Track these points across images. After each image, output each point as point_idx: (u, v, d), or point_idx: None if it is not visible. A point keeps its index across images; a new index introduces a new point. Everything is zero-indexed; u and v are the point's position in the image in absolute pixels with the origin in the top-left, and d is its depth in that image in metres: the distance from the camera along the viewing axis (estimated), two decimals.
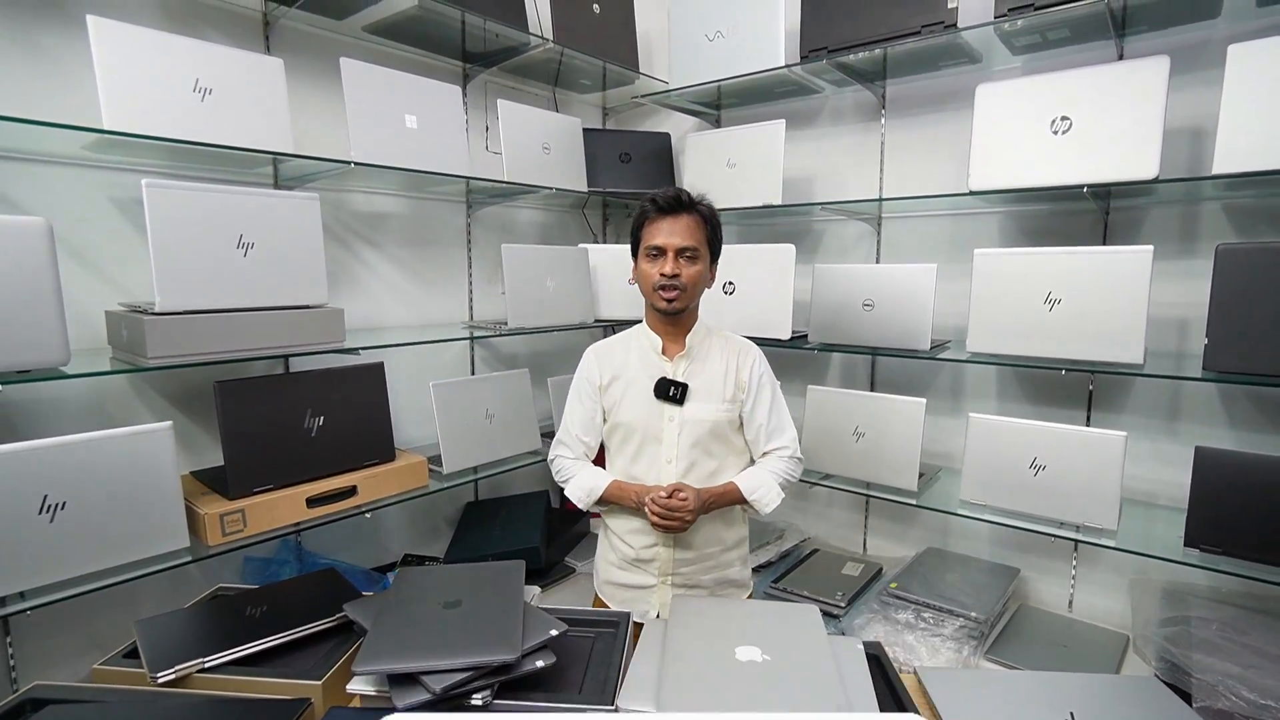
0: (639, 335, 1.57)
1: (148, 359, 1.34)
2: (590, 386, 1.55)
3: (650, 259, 1.45)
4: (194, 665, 1.10)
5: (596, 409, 1.55)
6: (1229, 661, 1.46)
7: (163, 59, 1.39)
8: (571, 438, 1.58)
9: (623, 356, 1.55)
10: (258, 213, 1.49)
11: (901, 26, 1.82)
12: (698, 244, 1.44)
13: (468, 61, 2.25)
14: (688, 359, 1.51)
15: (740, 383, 1.52)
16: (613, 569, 1.57)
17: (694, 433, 1.47)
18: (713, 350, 1.53)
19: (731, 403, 1.50)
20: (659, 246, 1.43)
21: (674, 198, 1.43)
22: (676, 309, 1.46)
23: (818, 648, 1.07)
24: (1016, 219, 2.01)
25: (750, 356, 1.54)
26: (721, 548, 1.53)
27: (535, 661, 1.06)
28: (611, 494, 1.51)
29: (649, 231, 1.45)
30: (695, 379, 1.49)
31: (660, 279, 1.43)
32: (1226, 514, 1.48)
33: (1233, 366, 1.46)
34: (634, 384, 1.51)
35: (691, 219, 1.44)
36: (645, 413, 1.49)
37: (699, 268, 1.46)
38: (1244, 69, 1.40)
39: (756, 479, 1.50)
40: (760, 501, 1.48)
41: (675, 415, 1.48)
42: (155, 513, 1.35)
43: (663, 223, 1.43)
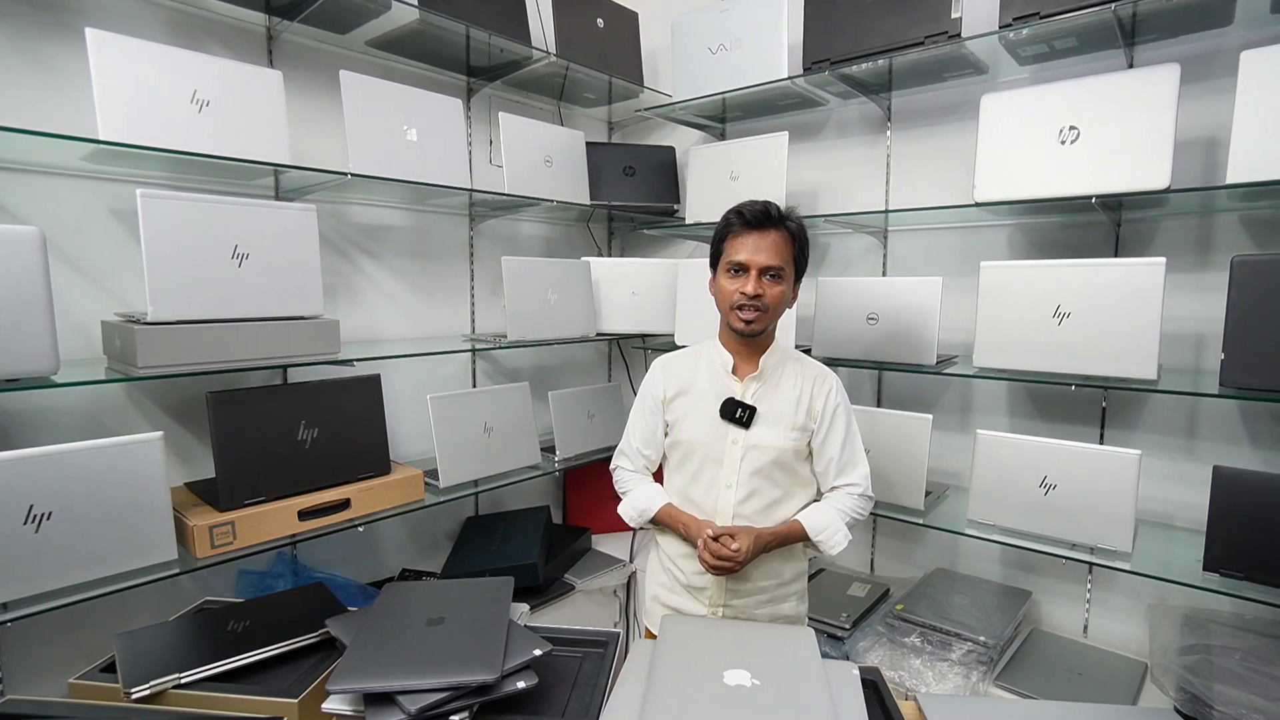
0: (710, 351, 1.49)
1: (138, 368, 1.34)
2: (654, 400, 1.49)
3: (731, 275, 1.37)
4: (170, 681, 1.08)
5: (659, 422, 1.49)
6: (1253, 694, 1.39)
7: (160, 71, 1.40)
8: (632, 450, 1.54)
9: (691, 371, 1.48)
10: (253, 223, 1.49)
11: (904, 37, 1.80)
12: (783, 263, 1.35)
13: (471, 75, 2.26)
14: (759, 381, 1.43)
15: (813, 411, 1.43)
16: (662, 590, 1.51)
17: (757, 459, 1.39)
18: (786, 374, 1.45)
19: (801, 431, 1.41)
20: (742, 263, 1.35)
21: (762, 211, 1.35)
22: (755, 331, 1.37)
23: (810, 673, 1.03)
24: (1026, 231, 1.96)
25: (827, 385, 1.45)
26: (778, 582, 1.44)
27: (516, 682, 1.03)
28: (663, 517, 1.45)
29: (732, 245, 1.37)
30: (764, 402, 1.41)
31: (740, 298, 1.35)
32: (1248, 537, 1.42)
33: (1251, 383, 1.40)
34: (700, 401, 1.43)
35: (779, 235, 1.36)
36: (708, 433, 1.41)
37: (783, 288, 1.37)
38: (1257, 76, 1.36)
39: (824, 518, 1.40)
40: (826, 543, 1.39)
41: (740, 438, 1.39)
42: (143, 524, 1.34)
43: (748, 238, 1.35)
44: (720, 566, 1.31)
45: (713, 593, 1.41)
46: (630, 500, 1.50)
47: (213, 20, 1.72)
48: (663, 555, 1.52)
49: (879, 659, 1.78)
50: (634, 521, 1.49)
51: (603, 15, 2.33)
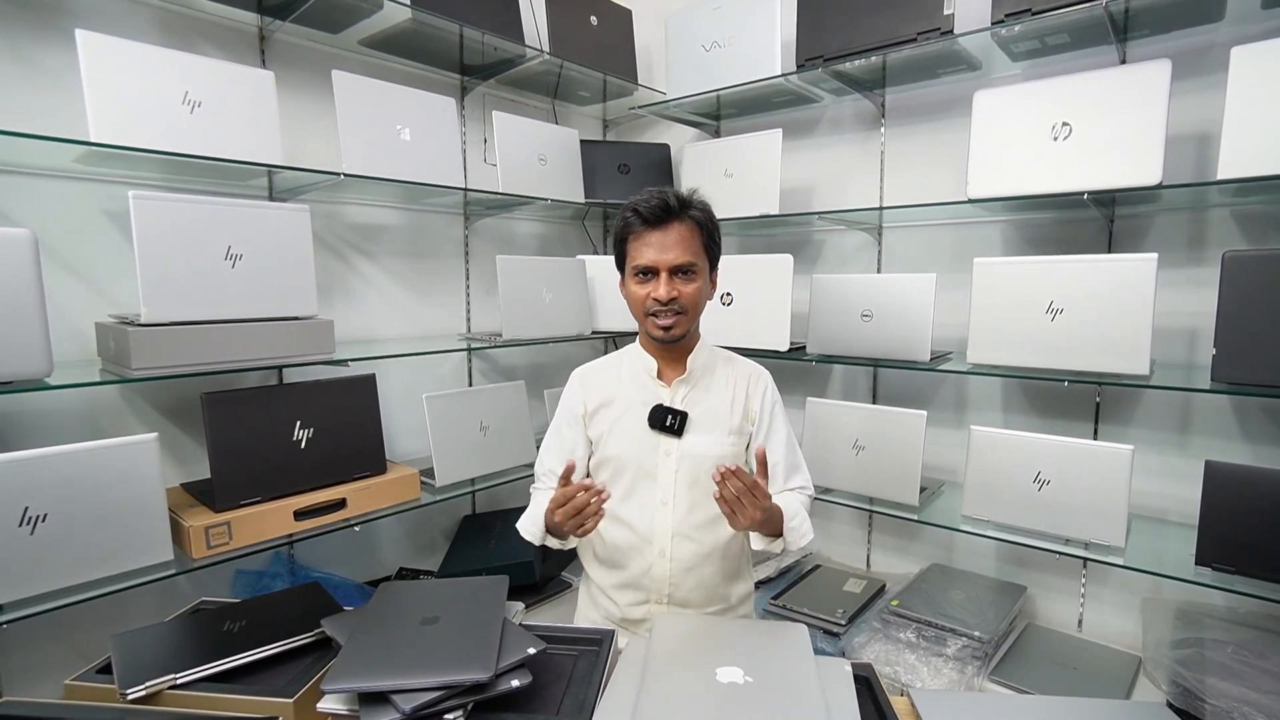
0: (631, 356, 1.37)
1: (132, 370, 1.34)
2: (573, 416, 1.36)
3: (640, 280, 1.25)
4: (165, 681, 1.08)
5: (579, 441, 1.35)
6: (1245, 686, 1.40)
7: (152, 72, 1.40)
8: (546, 471, 1.40)
9: (613, 380, 1.36)
10: (247, 224, 1.49)
11: (897, 34, 1.80)
12: (694, 257, 1.23)
13: (465, 74, 2.26)
14: (688, 384, 1.32)
15: (749, 412, 1.33)
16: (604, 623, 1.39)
17: (694, 469, 1.28)
18: (717, 374, 1.34)
19: (738, 435, 1.32)
20: (649, 266, 1.23)
21: (660, 205, 1.22)
22: (676, 337, 1.26)
23: (803, 670, 1.03)
24: (1019, 227, 1.97)
25: (761, 383, 1.36)
26: (724, 606, 1.35)
27: (510, 681, 1.03)
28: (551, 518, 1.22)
29: (635, 248, 1.25)
30: (696, 407, 1.30)
31: (654, 304, 1.23)
32: (1239, 531, 1.43)
33: (1242, 378, 1.40)
34: (626, 412, 1.32)
35: (684, 228, 1.23)
36: (637, 445, 1.29)
37: (697, 284, 1.25)
38: (1248, 72, 1.36)
39: (793, 506, 1.27)
40: (795, 531, 1.26)
41: (673, 449, 1.28)
42: (139, 525, 1.35)
43: (650, 236, 1.23)
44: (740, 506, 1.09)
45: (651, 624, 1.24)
46: (526, 514, 1.35)
47: (204, 20, 1.72)
48: (593, 588, 1.39)
49: (874, 654, 1.79)
50: (535, 538, 1.31)
51: (596, 12, 2.32)
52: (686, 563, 1.30)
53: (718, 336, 2.12)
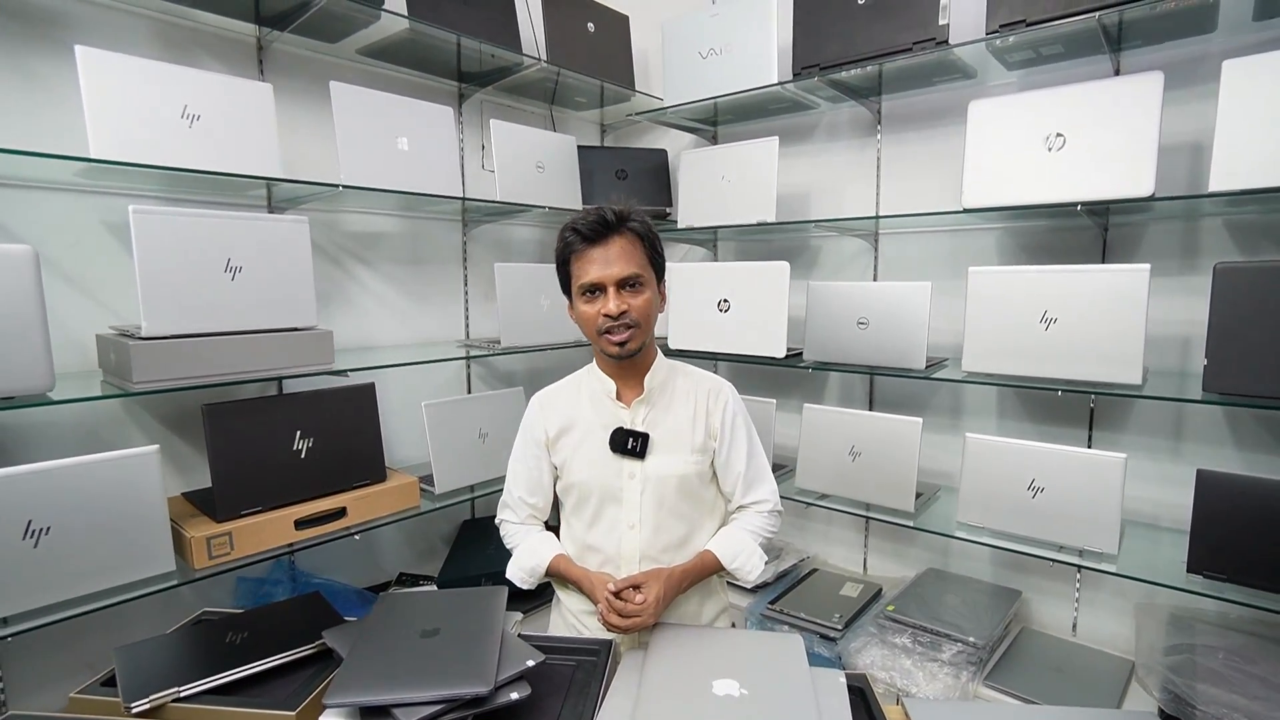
0: (589, 378, 1.36)
1: (133, 384, 1.35)
2: (535, 442, 1.35)
3: (588, 298, 1.24)
4: (169, 694, 1.10)
5: (543, 467, 1.35)
6: (1235, 693, 1.42)
7: (150, 87, 1.41)
8: (515, 500, 1.39)
9: (572, 404, 1.34)
10: (246, 236, 1.50)
11: (893, 43, 1.81)
12: (639, 269, 1.22)
13: (463, 81, 2.27)
14: (647, 404, 1.30)
15: (711, 429, 1.32)
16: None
17: (659, 491, 1.27)
18: (677, 391, 1.33)
19: (702, 453, 1.30)
20: (595, 283, 1.22)
21: (598, 221, 1.21)
22: (631, 351, 1.25)
23: (798, 681, 1.05)
24: (1015, 235, 1.98)
25: (721, 397, 1.34)
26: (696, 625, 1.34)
27: (510, 694, 1.05)
28: (555, 572, 1.32)
29: (579, 268, 1.24)
30: (658, 427, 1.29)
31: (605, 320, 1.22)
32: (1230, 539, 1.44)
33: (1233, 388, 1.42)
34: (587, 436, 1.30)
35: (624, 240, 1.22)
36: (601, 470, 1.28)
37: (646, 295, 1.24)
38: (1239, 85, 1.37)
39: (735, 544, 1.30)
40: (742, 570, 1.29)
41: (636, 471, 1.26)
42: (141, 537, 1.36)
43: (593, 253, 1.21)
44: (630, 625, 1.17)
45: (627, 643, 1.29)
46: (517, 559, 1.35)
47: (203, 32, 1.73)
48: (565, 612, 1.38)
49: (871, 659, 1.81)
50: (525, 584, 1.33)
51: (593, 19, 2.33)
52: None
53: (715, 343, 2.15)
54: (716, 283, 2.14)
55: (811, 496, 2.05)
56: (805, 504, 2.06)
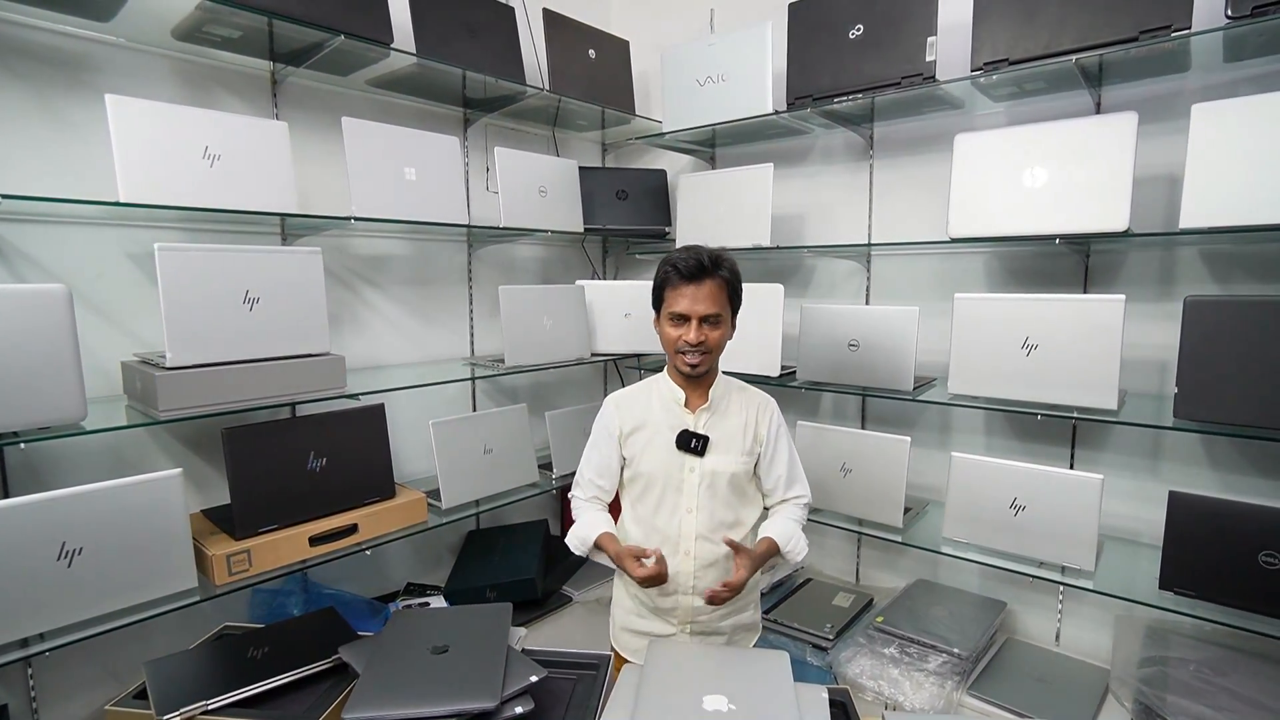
0: (660, 385, 1.58)
1: (160, 412, 1.43)
2: (609, 435, 1.57)
3: (674, 324, 1.47)
4: (198, 707, 1.18)
5: (614, 455, 1.57)
6: (1204, 705, 1.49)
7: (175, 130, 1.49)
8: (585, 480, 1.62)
9: (644, 407, 1.56)
10: (263, 269, 1.58)
11: (882, 77, 1.88)
12: (720, 309, 1.46)
13: (468, 108, 2.34)
14: (710, 412, 1.53)
15: (759, 436, 1.55)
16: (631, 616, 1.58)
17: (713, 483, 1.50)
18: (733, 403, 1.56)
19: (749, 455, 1.53)
20: (683, 314, 1.44)
21: (696, 264, 1.42)
22: (700, 373, 1.48)
23: (782, 697, 1.12)
24: (1002, 259, 2.05)
25: (769, 411, 1.58)
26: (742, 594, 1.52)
27: (515, 708, 1.13)
28: (599, 544, 1.52)
29: (672, 297, 1.46)
30: (715, 431, 1.51)
31: (685, 345, 1.45)
32: (1201, 558, 1.51)
33: (1202, 415, 1.49)
34: (657, 434, 1.52)
35: (715, 284, 1.44)
36: (667, 463, 1.50)
37: (721, 330, 1.48)
38: (1207, 128, 1.44)
39: (787, 530, 1.54)
40: (793, 552, 1.53)
41: (696, 466, 1.50)
42: (165, 555, 1.44)
43: (686, 289, 1.43)
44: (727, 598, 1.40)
45: (681, 612, 1.51)
46: (575, 529, 1.58)
47: (221, 69, 1.81)
48: (628, 583, 1.57)
49: (860, 669, 1.88)
50: (578, 549, 1.55)
51: (594, 46, 2.40)
52: (707, 560, 1.50)
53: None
54: None
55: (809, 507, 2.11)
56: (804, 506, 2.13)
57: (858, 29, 1.91)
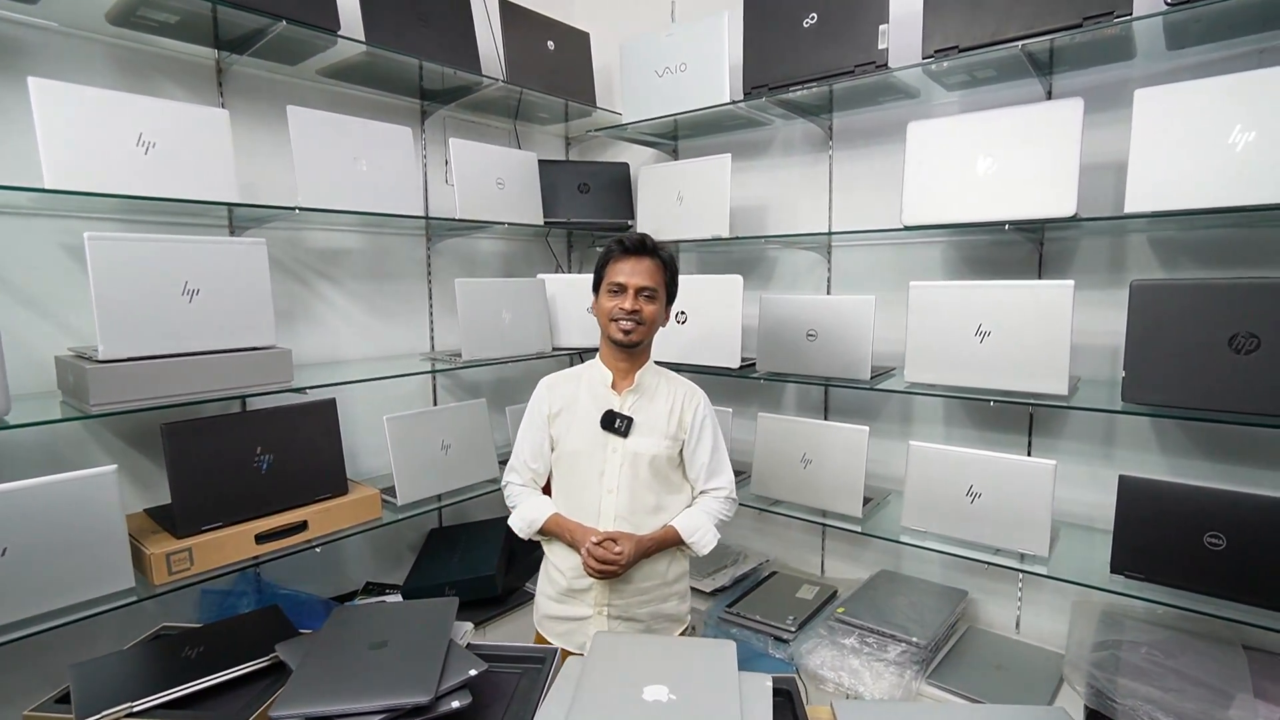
0: (591, 368, 1.64)
1: (91, 406, 1.38)
2: (540, 417, 1.61)
3: (611, 295, 1.54)
4: (122, 710, 1.13)
5: (545, 437, 1.61)
6: (1152, 686, 1.50)
7: (104, 116, 1.44)
8: (521, 464, 1.65)
9: (574, 388, 1.61)
10: (203, 259, 1.54)
11: (836, 66, 1.87)
12: (657, 285, 1.54)
13: (425, 99, 2.31)
14: (636, 394, 1.58)
15: (683, 422, 1.58)
16: (549, 602, 1.61)
17: (635, 465, 1.53)
18: (660, 389, 1.60)
19: (673, 440, 1.57)
20: (621, 284, 1.52)
21: (639, 241, 1.54)
22: (633, 341, 1.53)
23: (725, 686, 1.10)
24: (958, 248, 2.06)
25: (696, 399, 1.61)
26: (661, 582, 1.58)
27: (451, 703, 1.10)
28: (550, 527, 1.57)
29: (613, 269, 1.54)
30: (641, 414, 1.56)
31: (620, 313, 1.52)
32: (1150, 541, 1.52)
33: (1149, 399, 1.50)
34: (582, 415, 1.57)
35: (653, 262, 1.54)
36: (590, 443, 1.55)
37: (655, 307, 1.55)
38: (1150, 113, 1.45)
39: (694, 521, 1.57)
40: (698, 544, 1.56)
41: (619, 447, 1.54)
42: (100, 555, 1.39)
43: (626, 263, 1.53)
44: (605, 570, 1.45)
45: (595, 594, 1.54)
46: (519, 512, 1.62)
47: (161, 57, 1.76)
48: (549, 565, 1.63)
49: (821, 660, 1.88)
50: (523, 532, 1.60)
51: (553, 38, 2.38)
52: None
53: (673, 354, 2.21)
54: None
55: (766, 502, 2.11)
56: (759, 510, 2.13)
57: (812, 18, 1.91)
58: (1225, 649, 1.61)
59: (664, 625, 1.58)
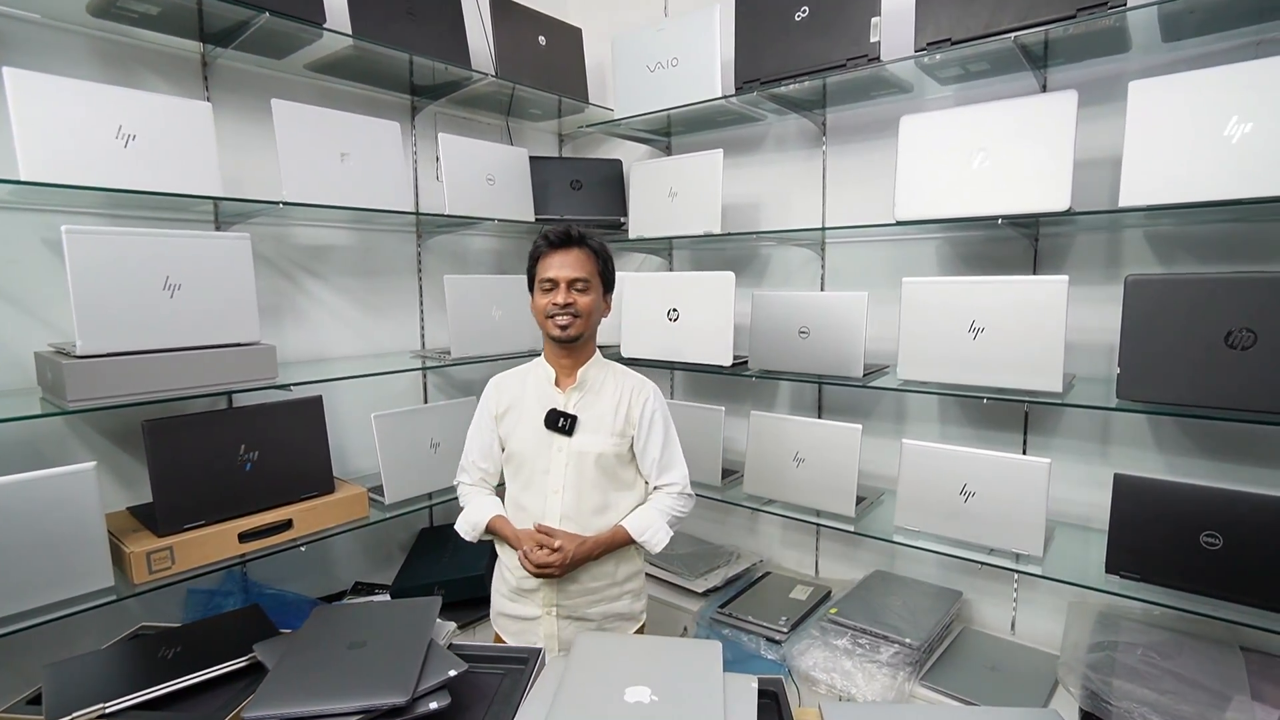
0: (537, 367, 1.61)
1: (69, 402, 1.36)
2: (488, 416, 1.60)
3: (544, 292, 1.51)
4: (94, 711, 1.11)
5: (494, 437, 1.59)
6: (1147, 688, 1.47)
7: (82, 108, 1.42)
8: (470, 464, 1.63)
9: (519, 388, 1.59)
10: (185, 254, 1.52)
11: (828, 59, 1.85)
12: (589, 275, 1.50)
13: (415, 95, 2.29)
14: (579, 391, 1.55)
15: (631, 418, 1.54)
16: (503, 600, 1.59)
17: (581, 464, 1.50)
18: (606, 384, 1.57)
19: (621, 436, 1.53)
20: (552, 279, 1.49)
21: (564, 233, 1.50)
22: (571, 336, 1.49)
23: (709, 687, 1.08)
24: (953, 245, 2.03)
25: (644, 393, 1.57)
26: (610, 582, 1.55)
27: (429, 704, 1.07)
28: (494, 529, 1.55)
29: (542, 266, 1.51)
30: (586, 411, 1.52)
31: (554, 308, 1.49)
32: (1146, 540, 1.50)
33: (1145, 396, 1.47)
34: (527, 414, 1.54)
35: (582, 252, 1.50)
36: (535, 442, 1.52)
37: (591, 297, 1.51)
38: (1144, 105, 1.43)
39: (645, 519, 1.53)
40: (650, 542, 1.52)
41: (564, 446, 1.51)
42: (79, 553, 1.37)
43: (554, 257, 1.50)
44: (543, 572, 1.43)
45: (543, 594, 1.51)
46: (465, 515, 1.60)
47: (145, 49, 1.74)
48: (500, 565, 1.61)
49: (813, 661, 1.85)
50: (469, 535, 1.58)
51: (545, 33, 2.36)
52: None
53: (666, 352, 2.19)
54: (665, 293, 2.18)
55: (759, 502, 2.09)
56: (752, 509, 2.11)
57: (803, 11, 1.88)
58: (1222, 650, 1.58)
59: (617, 624, 1.57)
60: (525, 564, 1.44)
